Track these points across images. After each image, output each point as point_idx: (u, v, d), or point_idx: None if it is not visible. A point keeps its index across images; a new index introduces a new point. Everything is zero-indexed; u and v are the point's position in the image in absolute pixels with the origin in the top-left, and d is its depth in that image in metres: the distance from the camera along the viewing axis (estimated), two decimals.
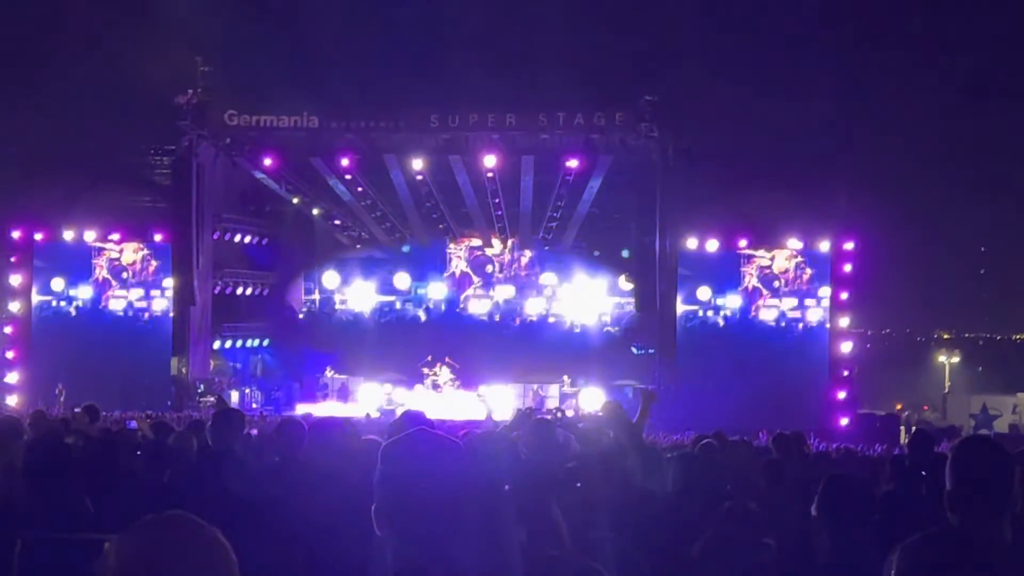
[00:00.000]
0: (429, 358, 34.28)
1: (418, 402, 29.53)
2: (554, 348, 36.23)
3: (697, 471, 7.30)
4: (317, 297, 38.96)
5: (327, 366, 34.44)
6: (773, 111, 35.99)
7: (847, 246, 32.61)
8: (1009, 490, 3.31)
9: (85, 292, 34.12)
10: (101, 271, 34.14)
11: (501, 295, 37.84)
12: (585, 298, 37.20)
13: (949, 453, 3.49)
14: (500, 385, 33.67)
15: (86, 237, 34.09)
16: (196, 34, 31.86)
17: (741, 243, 33.03)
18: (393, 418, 10.24)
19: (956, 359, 50.84)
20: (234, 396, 32.72)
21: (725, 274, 33.20)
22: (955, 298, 51.86)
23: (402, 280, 38.09)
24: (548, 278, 37.51)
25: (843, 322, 32.82)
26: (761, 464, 8.40)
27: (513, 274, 37.94)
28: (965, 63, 43.03)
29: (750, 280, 33.17)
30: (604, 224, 35.97)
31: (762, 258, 33.17)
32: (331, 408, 31.13)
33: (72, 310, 34.14)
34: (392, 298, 38.30)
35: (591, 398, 32.02)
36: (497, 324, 37.57)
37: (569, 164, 31.30)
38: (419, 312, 37.94)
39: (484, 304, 37.88)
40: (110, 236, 34.04)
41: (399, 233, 37.35)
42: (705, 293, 33.10)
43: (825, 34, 40.30)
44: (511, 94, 31.86)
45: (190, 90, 31.56)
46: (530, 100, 31.39)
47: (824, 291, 32.83)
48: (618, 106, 31.05)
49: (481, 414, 30.47)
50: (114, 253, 34.22)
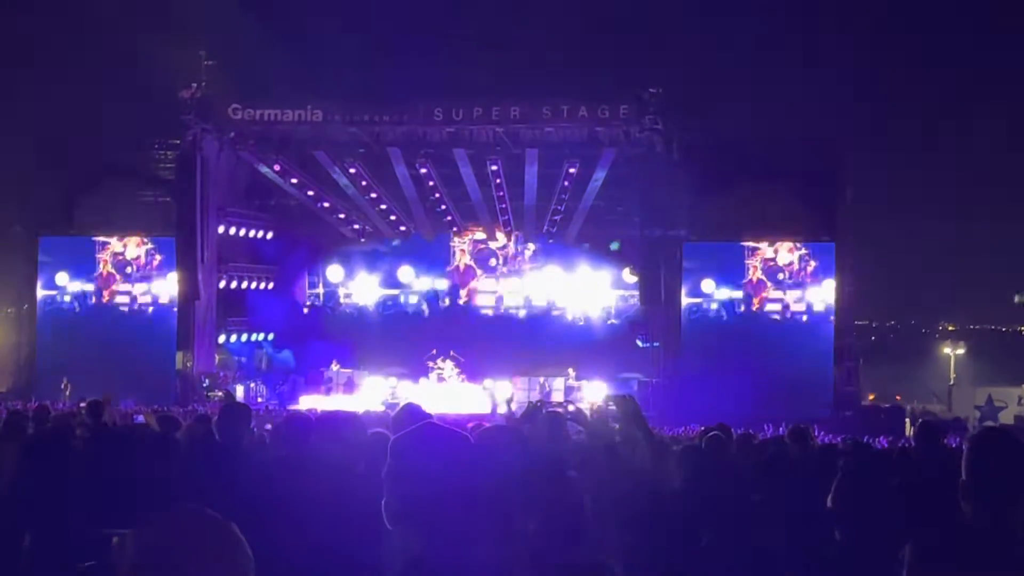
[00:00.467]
0: (434, 352, 34.26)
1: (423, 395, 29.48)
2: (558, 341, 36.19)
3: (704, 464, 7.30)
4: (321, 291, 38.98)
5: (332, 360, 34.41)
6: (777, 103, 35.98)
7: (851, 238, 32.59)
8: None
9: (89, 287, 34.17)
10: (105, 265, 34.19)
11: (505, 288, 37.83)
12: (589, 291, 37.17)
13: (966, 444, 3.48)
14: (505, 379, 33.65)
15: (90, 231, 34.11)
16: (200, 28, 31.84)
17: (745, 236, 33.01)
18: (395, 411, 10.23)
19: (961, 351, 50.79)
20: (239, 390, 32.74)
21: (729, 267, 33.21)
22: (960, 289, 51.80)
23: (406, 273, 38.07)
24: (552, 271, 37.46)
25: (847, 314, 32.80)
26: (768, 456, 8.39)
27: (517, 267, 37.93)
28: (970, 50, 42.97)
29: (754, 273, 33.16)
30: (609, 217, 35.91)
31: (766, 250, 33.17)
32: (336, 402, 31.11)
33: (76, 305, 34.19)
34: (396, 291, 38.30)
35: (596, 391, 31.99)
36: (501, 317, 37.56)
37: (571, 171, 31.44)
38: (423, 305, 37.93)
39: (488, 297, 37.88)
40: (114, 230, 34.08)
41: (404, 227, 37.33)
42: (709, 286, 33.10)
43: (828, 26, 40.25)
44: (515, 87, 31.83)
45: (194, 84, 31.60)
46: (534, 93, 31.36)
47: (828, 283, 32.81)
48: (622, 99, 31.02)
49: (486, 407, 30.53)
50: (118, 247, 34.28)
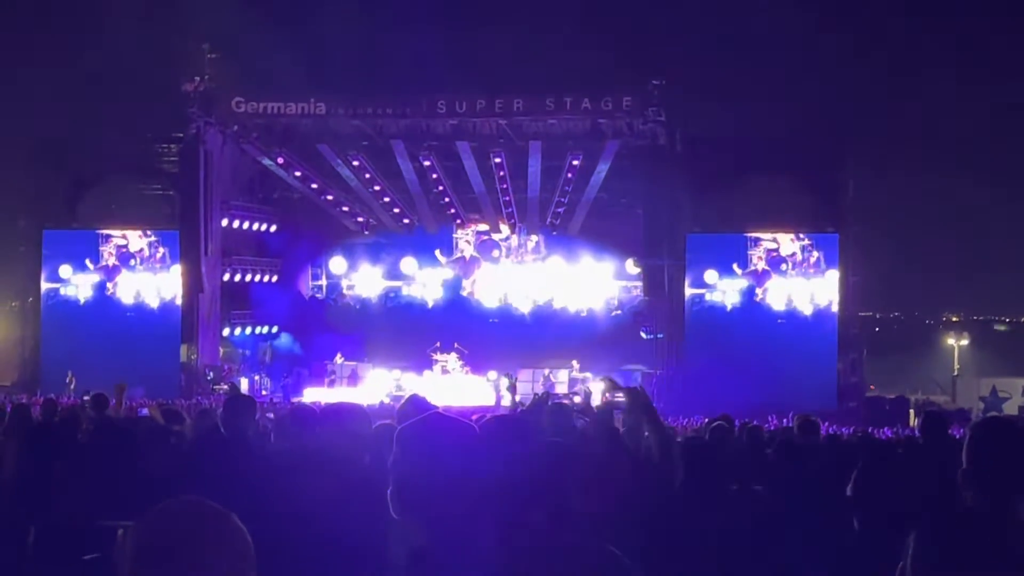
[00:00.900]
0: (438, 344, 34.26)
1: (427, 388, 29.49)
2: (562, 333, 36.20)
3: (709, 455, 7.30)
4: (324, 283, 38.97)
5: (336, 352, 34.42)
6: (781, 95, 35.93)
7: (854, 229, 32.55)
8: None
9: (93, 279, 34.19)
10: (110, 258, 34.20)
11: (509, 280, 37.78)
12: (593, 283, 37.14)
13: (967, 432, 3.48)
14: (509, 370, 33.62)
15: (94, 225, 34.13)
16: (203, 21, 31.81)
17: (748, 227, 32.96)
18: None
19: (965, 342, 50.70)
20: (243, 383, 32.78)
21: (732, 257, 33.14)
22: (964, 281, 51.68)
23: (409, 265, 38.04)
24: (555, 263, 37.42)
25: (851, 305, 32.77)
26: (778, 447, 8.39)
27: (520, 259, 37.89)
28: (973, 42, 42.84)
29: (758, 263, 33.11)
30: (612, 209, 35.86)
31: (769, 241, 33.11)
32: (340, 394, 31.12)
33: (80, 297, 34.21)
34: (399, 283, 38.26)
35: (600, 383, 31.96)
36: (505, 309, 37.53)
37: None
38: (426, 298, 37.90)
39: (492, 289, 37.83)
40: (118, 224, 34.10)
41: (407, 219, 37.31)
42: (712, 276, 33.06)
43: (830, 17, 40.14)
44: (518, 79, 31.79)
45: (197, 77, 31.58)
46: (537, 85, 31.32)
47: (832, 274, 32.76)
48: (625, 91, 30.97)
49: (491, 399, 30.54)
50: (121, 240, 34.28)
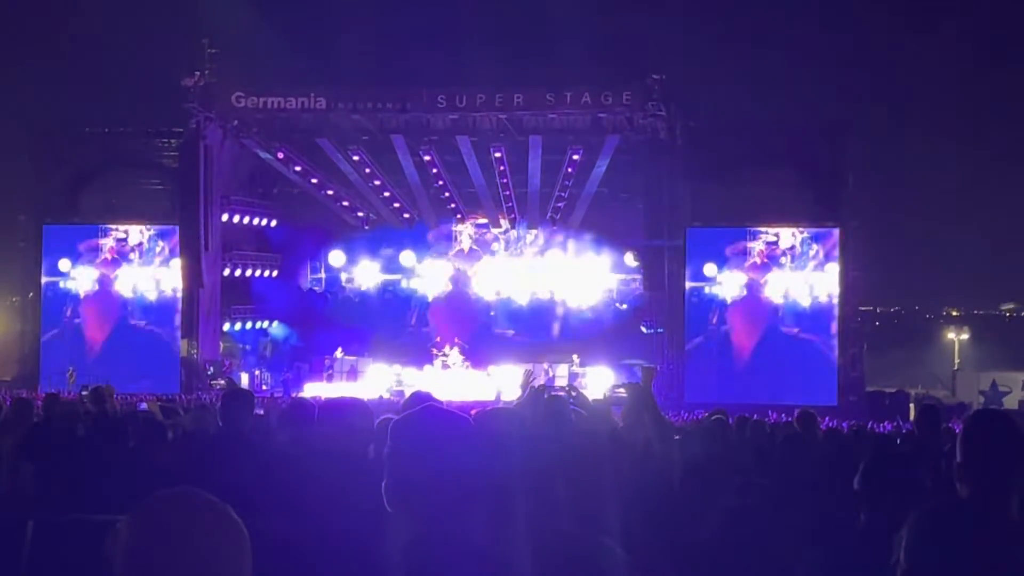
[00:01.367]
0: (438, 339, 34.22)
1: (428, 383, 29.45)
2: (562, 327, 36.13)
3: (709, 448, 7.30)
4: (323, 276, 38.87)
5: (336, 347, 34.38)
6: (780, 89, 35.93)
7: (854, 223, 32.51)
8: (1019, 464, 3.30)
9: (92, 274, 34.18)
10: (109, 254, 34.17)
11: (508, 274, 37.71)
12: (593, 277, 37.08)
13: (961, 426, 3.49)
14: (509, 365, 33.60)
15: (94, 220, 34.11)
16: (203, 16, 31.81)
17: (747, 220, 32.94)
18: (403, 399, 10.26)
19: (965, 336, 50.72)
20: (243, 378, 32.77)
21: (732, 251, 33.11)
22: (964, 275, 51.70)
23: (408, 258, 37.96)
24: (555, 257, 37.35)
25: (851, 299, 32.74)
26: (781, 440, 8.39)
27: (520, 253, 37.81)
28: (970, 33, 42.83)
29: (757, 257, 33.07)
30: (612, 203, 35.82)
31: (768, 235, 33.08)
32: (340, 389, 31.08)
33: (80, 292, 34.20)
34: (398, 276, 38.17)
35: (600, 377, 31.96)
36: (505, 303, 37.47)
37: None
38: (426, 292, 37.83)
39: (491, 283, 37.77)
40: (118, 219, 34.09)
41: (407, 214, 37.26)
42: (712, 270, 33.03)
43: (831, 13, 40.15)
44: (519, 74, 31.80)
45: (197, 72, 31.55)
46: (537, 80, 31.31)
47: (831, 268, 32.72)
48: (625, 85, 30.95)
49: (491, 394, 30.48)
50: (121, 235, 34.26)
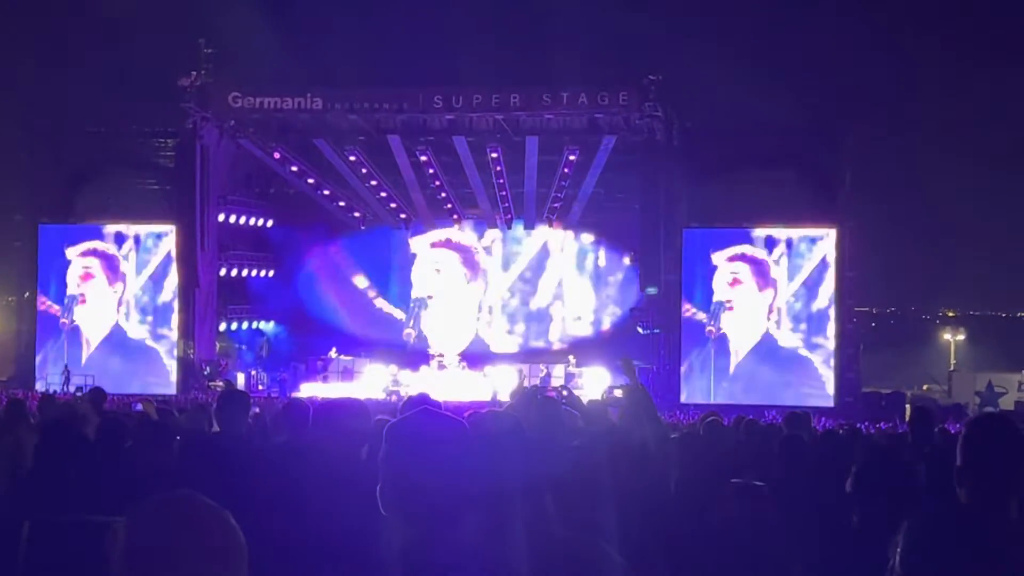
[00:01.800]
0: (429, 338, 34.21)
1: (424, 383, 29.45)
2: (559, 328, 36.14)
3: (705, 449, 7.30)
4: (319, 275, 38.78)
5: (332, 347, 34.37)
6: (777, 90, 35.92)
7: (851, 224, 32.54)
8: (1019, 468, 3.30)
9: (88, 273, 34.11)
10: (106, 253, 34.12)
11: (504, 275, 37.71)
12: (589, 277, 37.08)
13: (962, 429, 3.48)
14: (506, 365, 33.62)
15: (90, 219, 34.11)
16: (199, 16, 31.80)
17: (744, 221, 32.96)
18: (400, 399, 10.28)
19: (961, 337, 50.78)
20: (240, 378, 32.75)
21: (728, 251, 33.06)
22: (960, 276, 51.76)
23: (405, 259, 37.92)
24: (552, 258, 37.36)
25: (847, 300, 32.76)
26: (776, 442, 8.38)
27: (516, 252, 37.77)
28: (969, 34, 42.89)
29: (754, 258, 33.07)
30: (608, 204, 35.83)
31: (765, 236, 33.08)
32: (335, 390, 31.07)
33: (75, 291, 34.13)
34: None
35: (597, 378, 31.96)
36: (502, 303, 37.47)
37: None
38: (422, 292, 37.78)
39: (490, 282, 37.77)
40: (114, 218, 34.08)
41: (404, 214, 37.25)
42: (708, 270, 33.00)
43: (828, 13, 40.18)
44: (515, 74, 31.77)
45: (193, 72, 31.51)
46: (534, 80, 31.30)
47: (828, 269, 32.74)
48: (622, 85, 30.93)
49: (487, 394, 30.49)
50: (117, 234, 34.22)
